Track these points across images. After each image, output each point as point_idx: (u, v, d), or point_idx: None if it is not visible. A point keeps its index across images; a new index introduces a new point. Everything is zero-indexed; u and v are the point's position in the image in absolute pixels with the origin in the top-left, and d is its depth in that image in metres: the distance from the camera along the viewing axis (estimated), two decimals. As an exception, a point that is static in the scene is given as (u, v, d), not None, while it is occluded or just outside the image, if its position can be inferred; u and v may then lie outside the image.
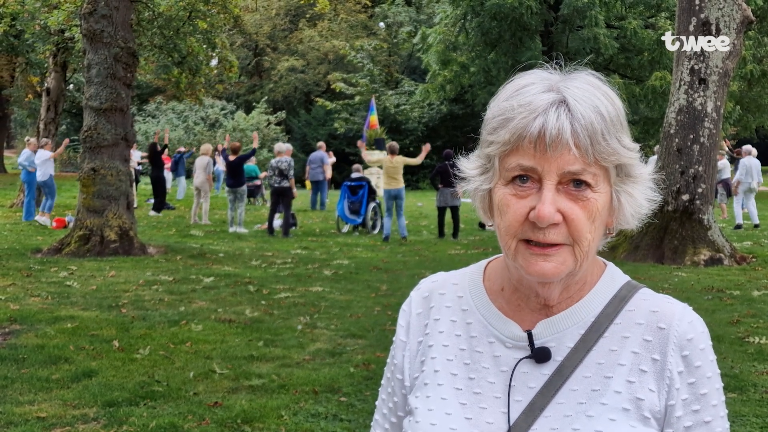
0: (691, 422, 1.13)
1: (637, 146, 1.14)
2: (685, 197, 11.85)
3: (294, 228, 16.75)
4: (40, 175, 17.11)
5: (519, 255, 1.12)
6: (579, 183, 1.09)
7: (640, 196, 1.16)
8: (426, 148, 15.93)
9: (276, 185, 15.90)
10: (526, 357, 1.17)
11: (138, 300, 8.61)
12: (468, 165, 1.20)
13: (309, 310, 8.27)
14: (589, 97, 1.09)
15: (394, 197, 15.08)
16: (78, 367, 5.92)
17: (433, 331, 1.26)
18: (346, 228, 17.03)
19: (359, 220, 16.75)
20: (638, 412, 1.11)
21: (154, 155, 20.27)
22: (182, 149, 28.26)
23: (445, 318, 1.26)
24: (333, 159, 28.21)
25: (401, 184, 15.11)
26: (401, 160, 15.31)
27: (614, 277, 1.22)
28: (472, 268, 1.30)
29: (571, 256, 1.11)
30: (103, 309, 8.09)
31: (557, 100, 1.08)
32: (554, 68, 1.15)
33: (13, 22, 22.30)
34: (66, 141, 19.48)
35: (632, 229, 1.19)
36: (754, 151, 18.07)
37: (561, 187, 1.09)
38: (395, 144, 15.80)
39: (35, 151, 17.54)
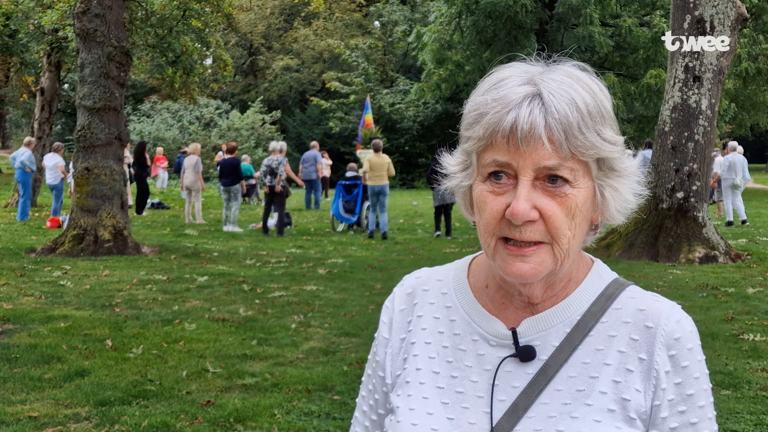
0: (677, 423, 1.10)
1: (621, 139, 1.10)
2: (680, 195, 11.85)
3: (289, 227, 16.72)
4: (52, 179, 17.44)
5: (497, 254, 1.09)
6: (555, 178, 1.05)
7: (625, 191, 1.12)
8: None
9: (269, 184, 15.87)
10: (511, 356, 1.14)
11: (131, 299, 8.58)
12: (450, 161, 1.17)
13: (303, 308, 8.25)
14: (566, 90, 1.05)
15: (377, 193, 15.34)
16: (71, 367, 5.90)
17: (416, 328, 1.23)
18: (340, 227, 17.00)
19: (354, 219, 16.74)
20: (624, 413, 1.08)
21: (139, 155, 20.22)
22: (187, 150, 28.13)
23: (428, 315, 1.23)
24: (329, 161, 28.19)
25: (385, 181, 15.39)
26: (386, 159, 15.68)
27: (601, 274, 1.19)
28: (457, 264, 1.27)
29: (550, 256, 1.07)
30: (97, 308, 8.06)
31: (531, 94, 1.05)
32: (537, 61, 1.12)
33: (6, 22, 22.27)
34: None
35: (619, 224, 1.15)
36: (740, 148, 18.07)
37: (538, 183, 1.05)
38: (379, 142, 16.23)
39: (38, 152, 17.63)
